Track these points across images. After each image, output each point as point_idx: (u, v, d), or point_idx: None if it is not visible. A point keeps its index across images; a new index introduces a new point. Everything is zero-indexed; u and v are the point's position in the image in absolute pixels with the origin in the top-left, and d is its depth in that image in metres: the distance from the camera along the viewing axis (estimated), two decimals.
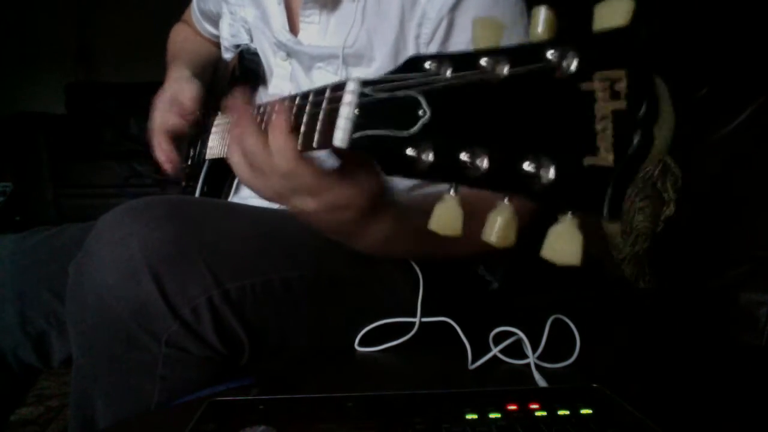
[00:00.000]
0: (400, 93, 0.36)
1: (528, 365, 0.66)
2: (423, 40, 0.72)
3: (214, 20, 1.06)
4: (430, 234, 0.65)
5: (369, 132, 0.39)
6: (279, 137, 0.48)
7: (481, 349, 0.68)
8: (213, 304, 0.59)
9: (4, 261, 0.83)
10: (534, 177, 0.29)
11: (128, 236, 0.57)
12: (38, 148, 3.16)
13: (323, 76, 0.79)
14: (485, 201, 0.32)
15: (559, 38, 0.29)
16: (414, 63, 0.36)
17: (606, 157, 0.26)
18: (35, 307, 0.80)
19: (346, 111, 0.41)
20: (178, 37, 1.15)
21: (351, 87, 0.41)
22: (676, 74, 1.09)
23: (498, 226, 0.31)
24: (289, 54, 0.83)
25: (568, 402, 0.47)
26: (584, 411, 0.46)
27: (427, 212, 0.64)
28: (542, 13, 0.29)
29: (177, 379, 0.59)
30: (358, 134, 0.40)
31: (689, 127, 1.04)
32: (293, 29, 0.81)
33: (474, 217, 0.35)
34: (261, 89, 0.92)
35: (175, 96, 0.90)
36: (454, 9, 0.69)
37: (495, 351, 0.68)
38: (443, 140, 0.33)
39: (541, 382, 0.63)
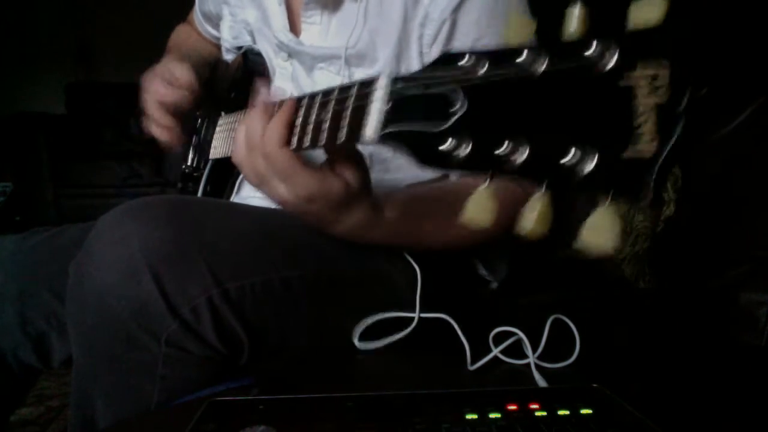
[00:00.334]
0: (434, 88, 0.37)
1: (528, 365, 0.66)
2: (426, 41, 0.72)
3: (215, 22, 1.06)
4: (403, 229, 0.68)
5: (402, 126, 0.40)
6: (276, 124, 0.54)
7: (481, 349, 0.68)
8: (213, 303, 0.59)
9: (5, 261, 0.83)
10: (574, 168, 0.29)
11: (128, 236, 0.58)
12: (38, 148, 3.16)
13: (325, 77, 0.79)
14: (513, 193, 0.34)
15: (597, 35, 0.29)
16: (447, 59, 0.37)
17: (648, 147, 0.27)
18: (35, 307, 0.80)
19: (378, 106, 0.41)
20: (179, 35, 1.15)
21: (382, 83, 0.42)
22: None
23: (536, 216, 0.32)
24: (291, 55, 0.83)
25: (568, 402, 0.47)
26: (584, 411, 0.46)
27: (406, 206, 0.64)
28: (577, 11, 0.30)
29: (177, 379, 0.59)
30: (390, 128, 0.41)
31: (689, 127, 1.04)
32: (294, 30, 0.81)
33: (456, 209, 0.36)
34: (264, 89, 0.92)
35: (164, 71, 0.87)
36: (457, 10, 0.69)
37: (495, 351, 0.68)
38: (480, 133, 0.34)
39: (541, 382, 0.63)
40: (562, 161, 0.30)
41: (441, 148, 0.35)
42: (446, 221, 0.68)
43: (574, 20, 0.30)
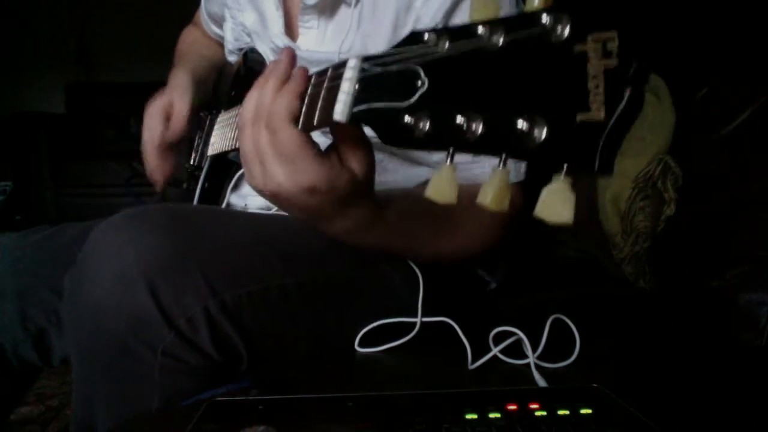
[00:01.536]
0: (400, 66, 0.37)
1: (528, 365, 0.66)
2: None
3: (220, 22, 1.06)
4: (404, 231, 0.64)
5: (369, 105, 0.40)
6: (287, 93, 0.48)
7: (481, 349, 0.68)
8: (209, 313, 0.59)
9: (5, 259, 0.83)
10: (528, 135, 0.30)
11: (123, 247, 0.57)
12: (38, 147, 3.16)
13: None
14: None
15: (553, 5, 0.30)
16: (413, 37, 0.37)
17: (598, 113, 0.27)
18: (36, 305, 0.80)
19: (347, 86, 0.42)
20: (186, 41, 1.16)
21: (352, 63, 0.42)
22: (676, 74, 1.10)
23: (493, 190, 0.32)
24: None
25: (568, 402, 0.47)
26: (584, 411, 0.46)
27: (407, 205, 0.61)
28: None
29: (175, 388, 0.59)
30: (357, 108, 0.41)
31: (689, 127, 1.04)
32: (291, 34, 0.81)
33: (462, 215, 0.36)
34: None
35: (166, 106, 0.90)
36: (449, 14, 0.69)
37: (495, 351, 0.68)
38: (440, 108, 0.34)
39: (541, 382, 0.63)
40: (516, 131, 0.30)
41: (403, 124, 0.36)
42: (441, 230, 0.67)
43: None
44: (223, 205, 0.92)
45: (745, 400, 0.63)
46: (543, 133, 0.29)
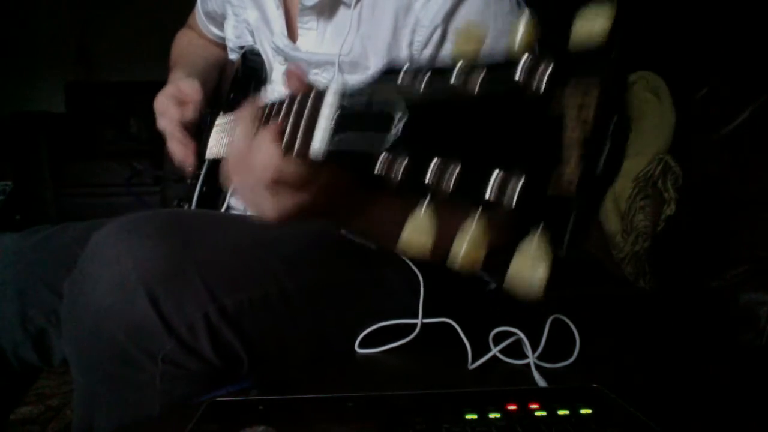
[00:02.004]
0: (378, 100, 0.36)
1: (528, 365, 0.66)
2: (416, 48, 0.72)
3: (219, 21, 1.06)
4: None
5: (343, 145, 0.38)
6: (266, 137, 0.46)
7: (480, 349, 0.68)
8: (210, 320, 0.59)
9: (5, 259, 0.83)
10: (502, 190, 0.28)
11: (122, 255, 0.57)
12: (38, 147, 3.16)
13: (319, 83, 0.78)
14: (458, 218, 0.31)
15: (531, 55, 0.28)
16: (390, 72, 0.36)
17: (570, 186, 0.25)
18: (36, 305, 0.80)
19: (324, 123, 0.40)
20: (182, 43, 1.14)
21: (330, 99, 0.40)
22: (676, 74, 1.10)
23: (466, 245, 0.30)
24: (287, 59, 0.83)
25: (567, 402, 0.47)
26: (584, 411, 0.46)
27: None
28: (523, 22, 0.29)
29: (175, 394, 0.59)
30: (333, 147, 0.40)
31: (689, 127, 1.04)
32: (292, 35, 0.81)
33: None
34: (262, 89, 0.92)
35: (174, 92, 0.89)
36: (448, 17, 0.68)
37: (495, 351, 0.68)
38: (415, 152, 0.32)
39: (541, 382, 0.63)
40: (490, 182, 0.28)
41: (379, 168, 0.33)
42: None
43: (519, 33, 0.29)
44: (223, 209, 0.92)
45: (745, 400, 0.63)
46: (517, 189, 0.27)
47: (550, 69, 0.27)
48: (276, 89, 0.87)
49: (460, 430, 0.43)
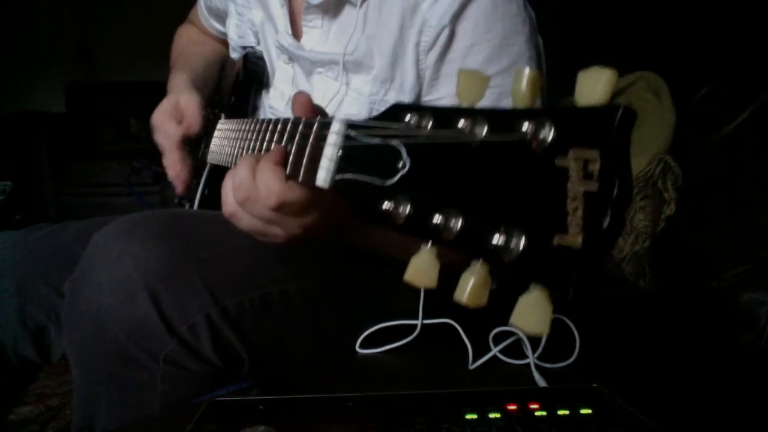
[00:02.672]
0: (383, 141, 0.36)
1: (528, 365, 0.66)
2: (423, 48, 0.71)
3: (221, 17, 1.05)
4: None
5: (350, 176, 0.39)
6: (267, 169, 0.47)
7: (480, 349, 0.68)
8: (211, 321, 0.59)
9: (6, 256, 0.83)
10: (504, 248, 0.28)
11: (123, 255, 0.57)
12: (38, 147, 3.16)
13: (323, 82, 0.78)
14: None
15: (536, 110, 0.28)
16: (397, 111, 0.36)
17: (575, 239, 0.26)
18: (35, 302, 0.80)
19: (330, 152, 0.41)
20: (182, 41, 1.13)
21: (336, 128, 0.41)
22: (676, 74, 1.10)
23: (470, 288, 0.31)
24: (291, 58, 0.83)
25: (567, 402, 0.47)
26: (584, 411, 0.46)
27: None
28: (526, 75, 0.29)
29: (176, 394, 0.59)
30: (339, 176, 0.40)
31: (689, 127, 1.04)
32: (296, 33, 0.81)
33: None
34: (263, 93, 0.92)
35: (173, 108, 0.88)
36: (455, 18, 0.68)
37: (495, 351, 0.68)
38: (420, 196, 0.33)
39: (541, 382, 0.63)
40: (493, 239, 0.29)
41: (383, 207, 0.34)
42: None
43: (523, 83, 0.29)
44: None
45: (745, 400, 0.63)
46: (520, 249, 0.28)
47: (554, 128, 0.27)
48: (279, 90, 0.86)
49: (460, 430, 0.43)
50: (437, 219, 0.31)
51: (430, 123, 0.33)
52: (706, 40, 1.05)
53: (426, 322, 0.73)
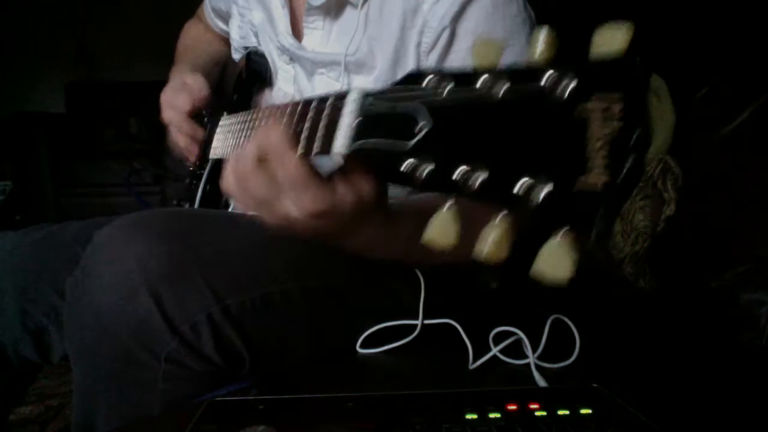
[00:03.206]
0: (401, 105, 0.37)
1: (528, 365, 0.66)
2: (424, 49, 0.72)
3: (225, 18, 1.06)
4: (416, 244, 0.62)
5: (369, 141, 0.39)
6: (281, 130, 0.46)
7: (481, 349, 0.68)
8: (213, 320, 0.59)
9: (6, 256, 0.83)
10: (528, 194, 0.29)
11: (125, 254, 0.57)
12: (38, 147, 3.16)
13: (325, 82, 0.78)
14: (482, 214, 0.32)
15: (556, 62, 0.29)
16: (415, 77, 0.37)
17: (597, 180, 0.27)
18: (35, 302, 0.80)
19: (348, 120, 0.41)
20: (189, 36, 1.15)
21: (353, 97, 0.41)
22: (676, 74, 1.09)
23: (491, 240, 0.32)
24: (292, 59, 0.83)
25: (568, 402, 0.47)
26: (584, 411, 0.46)
27: (419, 219, 0.62)
28: (543, 34, 0.30)
29: (177, 393, 0.59)
30: (358, 143, 0.40)
31: (689, 127, 1.04)
32: (297, 34, 0.81)
33: (469, 229, 0.35)
34: (266, 91, 0.92)
35: (180, 85, 0.90)
36: (456, 19, 0.68)
37: (495, 351, 0.68)
38: (441, 153, 0.34)
39: (541, 382, 0.63)
40: (517, 188, 0.30)
41: (405, 166, 0.35)
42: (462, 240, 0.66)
43: (540, 43, 0.30)
44: (230, 209, 0.92)
45: (745, 400, 0.63)
46: (544, 194, 0.29)
47: (575, 79, 0.28)
48: (281, 90, 0.87)
49: (460, 430, 0.43)
50: (460, 173, 0.32)
51: (450, 85, 0.34)
52: (706, 40, 1.05)
53: (426, 322, 0.73)
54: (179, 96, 0.89)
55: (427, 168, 0.34)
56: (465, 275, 0.89)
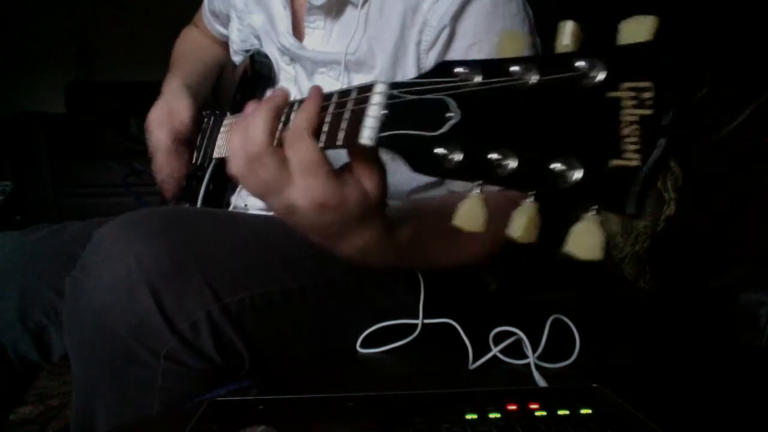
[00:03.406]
0: (429, 96, 0.37)
1: (528, 365, 0.66)
2: (423, 47, 0.72)
3: (224, 21, 1.06)
4: (415, 249, 0.63)
5: (397, 131, 0.40)
6: (306, 111, 0.47)
7: (481, 349, 0.68)
8: (212, 318, 0.59)
9: (6, 256, 0.83)
10: (561, 177, 0.30)
11: (125, 252, 0.57)
12: (38, 147, 3.16)
13: (325, 82, 0.79)
14: (504, 202, 0.33)
15: (587, 50, 0.30)
16: (443, 68, 0.37)
17: (632, 160, 0.28)
18: (36, 302, 0.80)
19: (374, 111, 0.42)
20: (184, 44, 1.15)
21: (379, 88, 0.42)
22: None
23: (523, 223, 0.33)
24: (293, 59, 0.83)
25: (567, 402, 0.47)
26: (584, 411, 0.46)
27: (418, 227, 0.62)
28: (569, 26, 0.31)
29: (177, 392, 0.59)
30: (386, 133, 0.41)
31: (689, 127, 1.04)
32: (298, 34, 0.82)
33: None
34: (269, 91, 0.92)
35: (167, 109, 0.91)
36: (456, 17, 0.69)
37: (495, 351, 0.68)
38: (472, 141, 0.35)
39: (541, 382, 0.63)
40: (550, 171, 0.31)
41: (434, 154, 0.36)
42: (452, 246, 0.65)
43: (566, 35, 0.31)
44: (230, 207, 0.93)
45: (745, 400, 0.63)
46: (576, 176, 0.30)
47: (605, 65, 0.29)
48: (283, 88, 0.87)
49: (460, 430, 0.43)
50: (490, 159, 0.33)
51: (480, 75, 0.35)
52: (705, 40, 1.05)
53: (426, 321, 0.73)
54: (161, 129, 0.90)
55: (457, 156, 0.35)
56: (465, 275, 0.89)
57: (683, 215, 1.00)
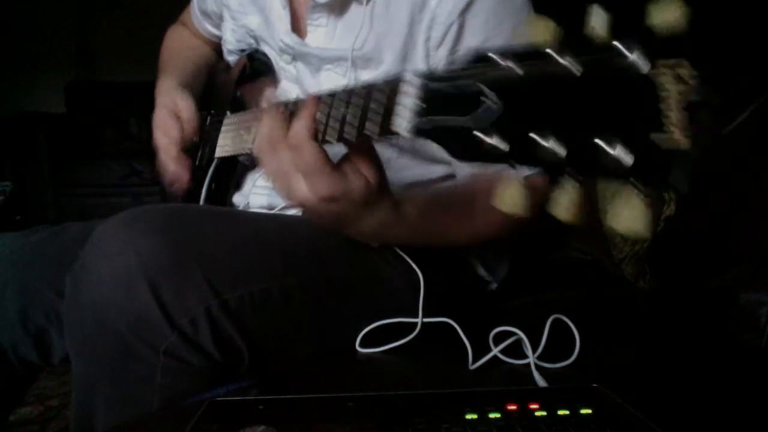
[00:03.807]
0: (465, 83, 0.38)
1: (528, 365, 0.66)
2: (433, 44, 0.73)
3: (215, 21, 1.05)
4: (425, 225, 0.67)
5: (434, 119, 0.41)
6: (305, 117, 0.54)
7: (481, 349, 0.68)
8: (211, 314, 0.59)
9: (6, 258, 0.83)
10: (606, 156, 0.31)
11: (125, 248, 0.57)
12: (38, 147, 3.16)
13: (331, 78, 0.79)
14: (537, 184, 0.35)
15: (621, 35, 0.31)
16: (479, 57, 0.38)
17: (678, 138, 0.29)
18: (36, 303, 0.80)
19: (408, 101, 0.42)
20: (172, 43, 1.13)
21: (410, 78, 0.43)
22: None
23: (566, 203, 0.34)
24: (295, 57, 0.83)
25: (567, 402, 0.47)
26: (584, 411, 0.46)
27: (426, 203, 0.66)
28: (601, 14, 0.32)
29: (176, 388, 0.59)
30: (422, 121, 0.42)
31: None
32: (299, 33, 0.82)
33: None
34: (270, 89, 0.92)
35: (172, 106, 0.90)
36: (464, 12, 0.69)
37: (495, 351, 0.68)
38: (513, 126, 0.35)
39: (541, 382, 0.63)
40: (595, 150, 0.31)
41: (475, 141, 0.36)
42: (466, 216, 0.69)
43: (598, 23, 0.32)
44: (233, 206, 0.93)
45: (745, 400, 0.63)
46: (623, 154, 0.31)
47: (641, 47, 0.30)
48: (285, 89, 0.87)
49: (460, 430, 0.43)
50: (537, 141, 0.34)
51: (515, 61, 0.35)
52: (705, 40, 1.05)
53: (426, 320, 0.73)
54: (170, 120, 0.88)
55: (499, 141, 0.35)
56: (464, 273, 0.89)
57: (683, 215, 1.00)
